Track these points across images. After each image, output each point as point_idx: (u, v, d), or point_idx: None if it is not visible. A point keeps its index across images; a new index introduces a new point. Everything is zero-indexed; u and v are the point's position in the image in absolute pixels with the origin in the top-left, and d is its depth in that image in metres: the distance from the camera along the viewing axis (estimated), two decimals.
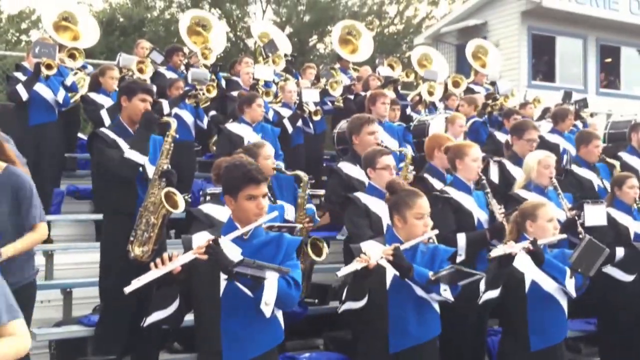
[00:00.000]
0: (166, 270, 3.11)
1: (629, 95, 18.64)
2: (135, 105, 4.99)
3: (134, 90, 5.03)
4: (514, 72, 16.97)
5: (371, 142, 5.66)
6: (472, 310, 4.89)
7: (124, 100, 5.05)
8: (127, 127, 5.01)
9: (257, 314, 3.27)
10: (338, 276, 3.64)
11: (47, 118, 7.44)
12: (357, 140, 5.77)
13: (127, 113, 5.03)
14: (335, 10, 25.18)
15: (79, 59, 8.76)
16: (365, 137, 5.71)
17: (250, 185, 3.36)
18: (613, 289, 5.72)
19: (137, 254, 4.74)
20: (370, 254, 3.70)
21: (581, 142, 6.90)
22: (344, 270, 3.63)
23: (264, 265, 3.13)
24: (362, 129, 5.73)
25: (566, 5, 17.11)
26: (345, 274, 3.63)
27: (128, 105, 5.01)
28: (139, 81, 5.98)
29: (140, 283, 3.05)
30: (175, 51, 9.85)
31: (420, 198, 4.08)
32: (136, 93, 5.00)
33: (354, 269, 3.63)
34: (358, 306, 3.88)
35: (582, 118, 10.38)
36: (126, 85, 5.23)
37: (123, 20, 23.41)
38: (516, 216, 4.64)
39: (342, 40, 12.14)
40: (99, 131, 5.06)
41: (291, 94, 8.89)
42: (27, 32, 24.30)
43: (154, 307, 3.34)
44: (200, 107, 8.42)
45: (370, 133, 5.71)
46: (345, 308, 3.92)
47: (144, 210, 4.80)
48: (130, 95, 5.00)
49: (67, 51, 8.69)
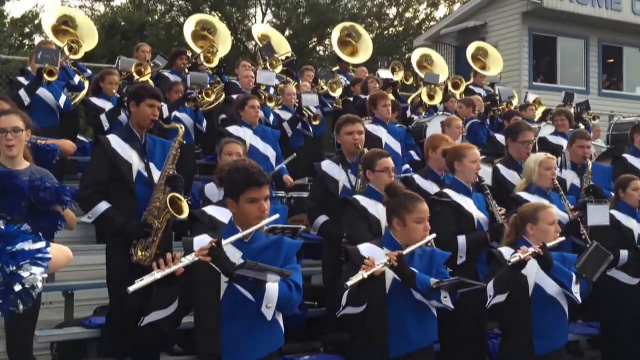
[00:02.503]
0: (169, 271, 3.11)
1: (632, 96, 18.61)
2: (143, 111, 4.99)
3: (142, 95, 5.03)
4: (514, 73, 16.94)
5: (349, 142, 5.69)
6: (471, 314, 4.90)
7: (132, 105, 5.05)
8: (136, 132, 5.01)
9: (258, 317, 3.27)
10: (347, 286, 3.61)
11: (49, 122, 7.44)
12: (339, 140, 5.85)
13: (136, 118, 5.04)
14: (334, 13, 25.20)
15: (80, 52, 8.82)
16: (344, 137, 5.74)
17: (252, 188, 3.36)
18: (616, 292, 5.69)
19: (139, 257, 4.75)
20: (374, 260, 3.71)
21: (569, 142, 6.91)
22: (351, 280, 3.60)
23: (266, 267, 3.14)
24: (341, 129, 5.78)
25: (567, 6, 17.05)
26: (353, 283, 3.60)
27: (136, 110, 5.02)
28: (147, 86, 5.99)
29: (142, 283, 3.05)
30: (179, 54, 9.92)
31: (420, 202, 4.09)
32: (144, 98, 5.00)
33: (361, 277, 3.61)
34: (357, 311, 3.87)
35: (585, 120, 10.39)
36: (134, 91, 5.24)
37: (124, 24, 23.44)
38: (515, 218, 4.58)
39: (341, 42, 12.15)
40: (103, 138, 5.06)
41: (291, 96, 8.92)
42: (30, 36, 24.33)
43: (153, 307, 3.34)
44: (199, 111, 8.44)
45: (348, 133, 5.72)
46: (345, 312, 3.91)
47: (148, 215, 4.82)
48: (138, 100, 5.01)
49: (67, 44, 8.74)
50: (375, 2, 27.18)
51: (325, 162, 5.84)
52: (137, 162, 4.92)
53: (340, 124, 5.82)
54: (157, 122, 5.16)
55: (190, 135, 8.21)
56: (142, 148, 4.99)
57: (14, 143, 4.22)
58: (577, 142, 6.70)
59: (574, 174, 6.65)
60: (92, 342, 5.27)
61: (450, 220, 5.09)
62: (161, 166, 4.97)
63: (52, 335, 5.35)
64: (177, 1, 26.09)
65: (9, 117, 4.26)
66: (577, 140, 6.73)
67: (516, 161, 6.26)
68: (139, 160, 4.93)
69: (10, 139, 4.20)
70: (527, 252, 4.08)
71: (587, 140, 6.76)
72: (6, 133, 4.19)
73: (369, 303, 3.88)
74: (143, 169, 4.92)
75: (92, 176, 4.95)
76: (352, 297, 3.82)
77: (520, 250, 4.11)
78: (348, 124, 5.76)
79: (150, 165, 4.96)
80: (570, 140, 6.83)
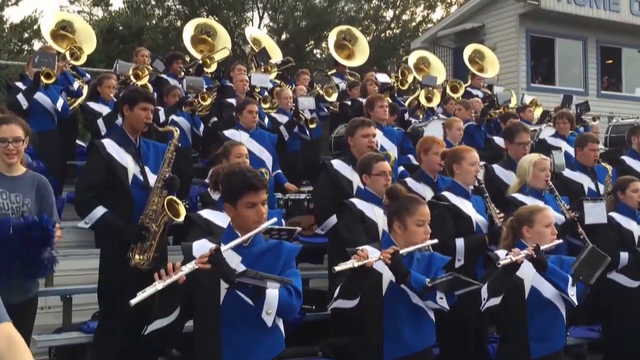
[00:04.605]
0: (170, 281, 3.11)
1: (631, 97, 18.59)
2: (137, 114, 4.98)
3: (135, 99, 5.02)
4: (512, 75, 16.91)
5: (365, 144, 5.71)
6: (473, 318, 4.89)
7: (125, 109, 5.04)
8: (130, 136, 5.01)
9: (258, 322, 3.26)
10: (335, 271, 3.61)
11: (47, 126, 7.48)
12: (352, 142, 5.82)
13: (129, 122, 5.03)
14: (331, 16, 25.25)
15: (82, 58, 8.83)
16: (359, 140, 5.75)
17: (249, 192, 3.35)
18: (618, 295, 5.65)
19: (137, 261, 4.74)
20: (367, 253, 3.69)
21: (577, 145, 6.90)
22: (340, 266, 3.60)
23: (266, 276, 3.13)
24: (357, 131, 5.78)
25: (565, 7, 17.03)
26: (341, 269, 3.60)
27: (130, 114, 5.01)
28: (141, 90, 5.97)
29: (145, 295, 3.05)
30: (175, 58, 9.94)
31: (421, 205, 4.08)
32: (138, 102, 4.99)
33: (351, 265, 3.60)
34: (350, 305, 3.84)
35: (584, 122, 10.39)
36: (127, 95, 5.23)
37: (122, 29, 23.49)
38: (512, 221, 4.56)
39: (338, 45, 12.15)
40: (98, 142, 5.05)
41: (287, 100, 8.92)
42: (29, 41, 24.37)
43: (156, 315, 3.33)
44: (196, 115, 8.45)
45: (364, 135, 5.75)
46: (337, 306, 3.87)
47: (145, 218, 4.81)
48: (132, 104, 5.00)
49: (69, 49, 8.76)
50: (372, 5, 27.25)
51: (337, 162, 5.83)
52: (133, 165, 4.91)
53: (355, 127, 5.82)
54: (152, 125, 5.15)
55: (187, 139, 8.22)
56: (137, 152, 4.99)
57: (15, 153, 4.30)
58: (590, 145, 6.74)
59: (588, 179, 6.67)
60: (90, 347, 5.24)
61: (449, 223, 5.08)
62: (156, 170, 4.97)
63: (50, 340, 5.34)
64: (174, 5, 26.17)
65: (10, 126, 4.32)
66: (589, 143, 6.76)
67: (514, 162, 6.26)
68: (134, 164, 4.93)
69: (12, 149, 4.28)
70: (520, 255, 4.05)
71: (598, 144, 6.86)
72: (7, 143, 4.26)
73: (365, 305, 3.86)
74: (138, 173, 4.92)
75: (88, 181, 4.95)
76: (344, 290, 3.81)
77: (512, 252, 4.08)
78: (365, 126, 5.79)
79: (146, 169, 4.95)
80: (581, 144, 6.82)
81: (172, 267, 3.17)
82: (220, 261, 3.19)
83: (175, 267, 3.17)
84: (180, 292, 3.25)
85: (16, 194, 4.29)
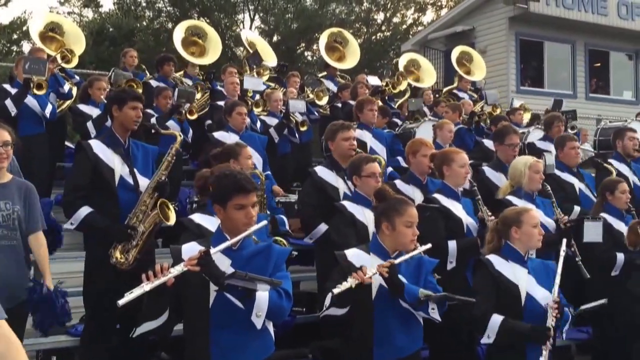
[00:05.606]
0: (158, 283, 3.09)
1: (619, 100, 18.69)
2: (127, 114, 4.95)
3: (124, 99, 5.00)
4: (502, 78, 16.97)
5: (346, 148, 5.71)
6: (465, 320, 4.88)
7: (115, 109, 5.00)
8: (119, 136, 4.97)
9: (248, 325, 3.26)
10: (334, 294, 3.62)
11: (36, 130, 7.40)
12: (333, 146, 5.82)
13: (119, 122, 4.99)
14: (322, 18, 25.28)
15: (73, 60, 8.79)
16: (340, 143, 5.74)
17: (239, 194, 3.35)
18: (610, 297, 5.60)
19: (117, 259, 4.65)
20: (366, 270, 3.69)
21: (557, 146, 6.93)
22: (339, 288, 3.60)
23: (255, 277, 3.13)
24: (337, 135, 5.77)
25: (554, 11, 17.12)
26: (340, 291, 3.60)
27: (119, 114, 4.97)
28: (128, 89, 5.97)
29: (132, 296, 3.03)
30: (165, 61, 9.86)
31: (410, 206, 4.07)
32: (126, 102, 4.96)
33: (349, 286, 3.61)
34: (340, 313, 3.83)
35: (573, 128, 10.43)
36: (115, 95, 5.21)
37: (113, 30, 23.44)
38: (497, 224, 4.52)
39: (329, 47, 12.15)
40: (85, 143, 5.00)
41: (277, 103, 8.91)
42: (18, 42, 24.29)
43: (144, 318, 3.31)
44: (185, 122, 8.40)
45: (345, 139, 5.74)
46: (328, 314, 3.86)
47: (133, 217, 4.76)
48: (120, 104, 4.97)
49: (61, 52, 8.70)
50: (363, 8, 27.29)
51: (320, 168, 5.81)
52: (120, 167, 4.87)
53: (335, 130, 5.81)
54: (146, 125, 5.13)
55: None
56: (126, 152, 4.95)
57: (5, 157, 4.31)
58: (569, 144, 6.76)
59: (576, 179, 6.67)
60: (77, 350, 5.21)
61: (440, 225, 5.08)
62: (144, 171, 4.94)
63: (38, 343, 5.28)
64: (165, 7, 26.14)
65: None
66: (567, 142, 6.79)
67: (504, 164, 6.29)
68: (122, 165, 4.88)
69: (2, 152, 4.28)
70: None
71: (576, 141, 6.87)
72: None
73: (355, 309, 3.85)
74: (126, 174, 4.87)
75: (74, 182, 4.91)
76: (336, 300, 3.78)
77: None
78: (344, 130, 5.78)
79: (134, 170, 4.92)
80: (561, 144, 6.85)
81: (161, 268, 3.15)
82: (210, 263, 3.18)
83: (163, 269, 3.15)
84: (170, 294, 3.23)
85: (5, 201, 4.31)
